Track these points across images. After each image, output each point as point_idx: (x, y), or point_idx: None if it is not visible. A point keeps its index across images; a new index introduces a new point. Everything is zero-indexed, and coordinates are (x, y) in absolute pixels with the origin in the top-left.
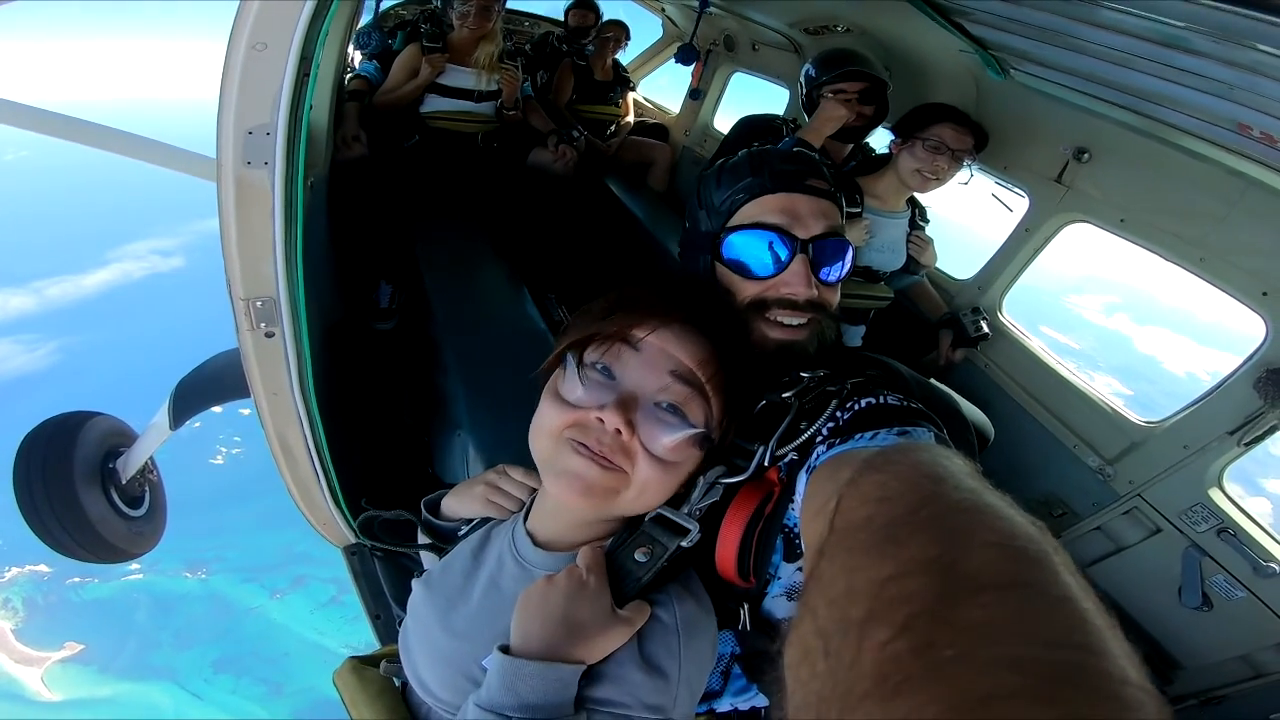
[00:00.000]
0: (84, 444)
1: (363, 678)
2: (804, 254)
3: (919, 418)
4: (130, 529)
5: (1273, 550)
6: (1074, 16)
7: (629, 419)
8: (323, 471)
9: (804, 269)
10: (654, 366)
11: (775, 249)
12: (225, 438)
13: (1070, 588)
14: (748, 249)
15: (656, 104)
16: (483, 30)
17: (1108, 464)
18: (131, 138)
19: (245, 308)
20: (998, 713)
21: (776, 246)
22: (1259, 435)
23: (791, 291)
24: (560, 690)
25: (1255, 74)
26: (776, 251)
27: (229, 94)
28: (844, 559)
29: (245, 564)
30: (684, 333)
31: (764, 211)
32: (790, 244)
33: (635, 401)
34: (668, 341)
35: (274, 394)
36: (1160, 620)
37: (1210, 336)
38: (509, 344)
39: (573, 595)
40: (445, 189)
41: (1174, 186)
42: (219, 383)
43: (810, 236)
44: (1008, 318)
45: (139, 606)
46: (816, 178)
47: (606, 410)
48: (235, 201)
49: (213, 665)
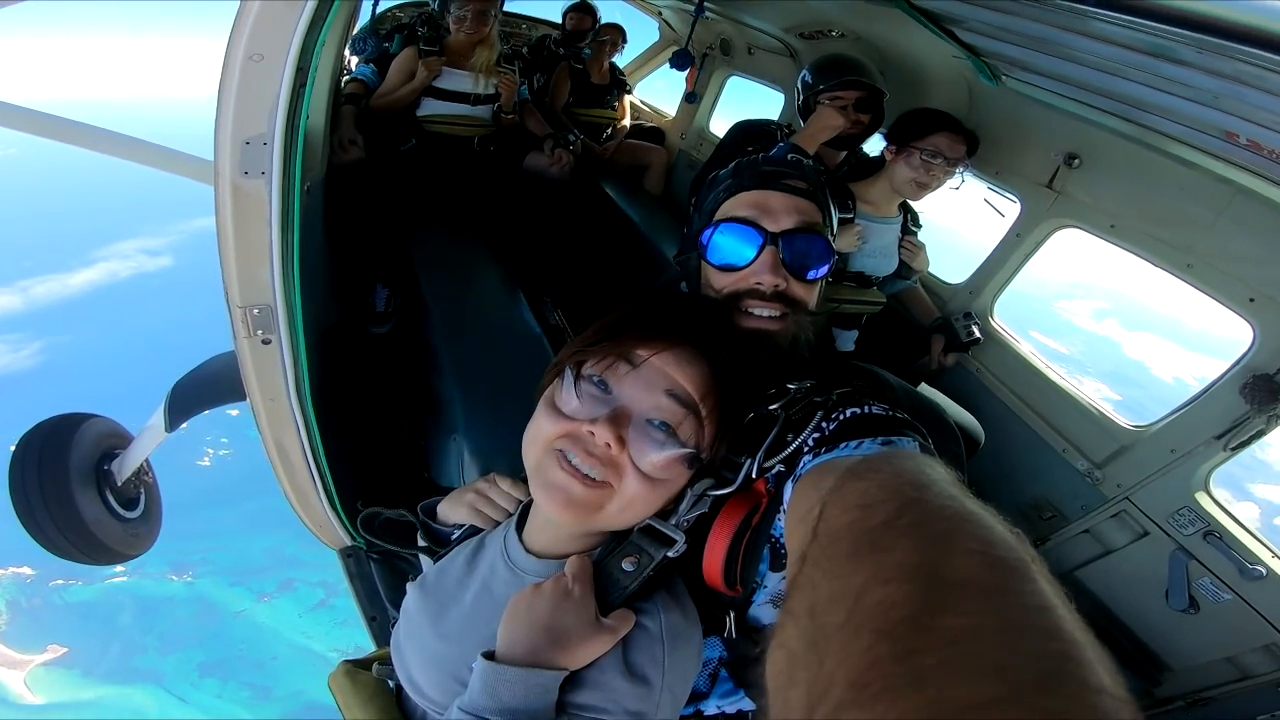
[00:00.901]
0: (80, 446)
1: (356, 680)
2: (773, 246)
3: (904, 427)
4: (126, 530)
5: (1258, 553)
6: (1064, 26)
7: (620, 434)
8: (319, 475)
9: (771, 260)
10: (650, 385)
11: (744, 242)
12: (213, 439)
13: (1047, 596)
14: (721, 243)
15: (653, 107)
16: (479, 34)
17: (1096, 467)
18: (128, 140)
19: (242, 315)
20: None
21: (746, 239)
22: (1245, 440)
23: (758, 280)
24: (541, 695)
25: (1239, 84)
26: (746, 244)
27: (226, 104)
28: (826, 565)
29: (232, 567)
30: (685, 356)
31: (737, 207)
32: (759, 235)
33: (628, 417)
34: (668, 363)
35: (271, 400)
36: (1147, 622)
37: (1198, 343)
38: (505, 348)
39: (557, 603)
40: (441, 192)
41: (1163, 193)
42: (216, 385)
43: (780, 230)
44: (999, 322)
45: (123, 609)
46: (795, 178)
47: (598, 424)
48: (233, 210)
49: (199, 669)
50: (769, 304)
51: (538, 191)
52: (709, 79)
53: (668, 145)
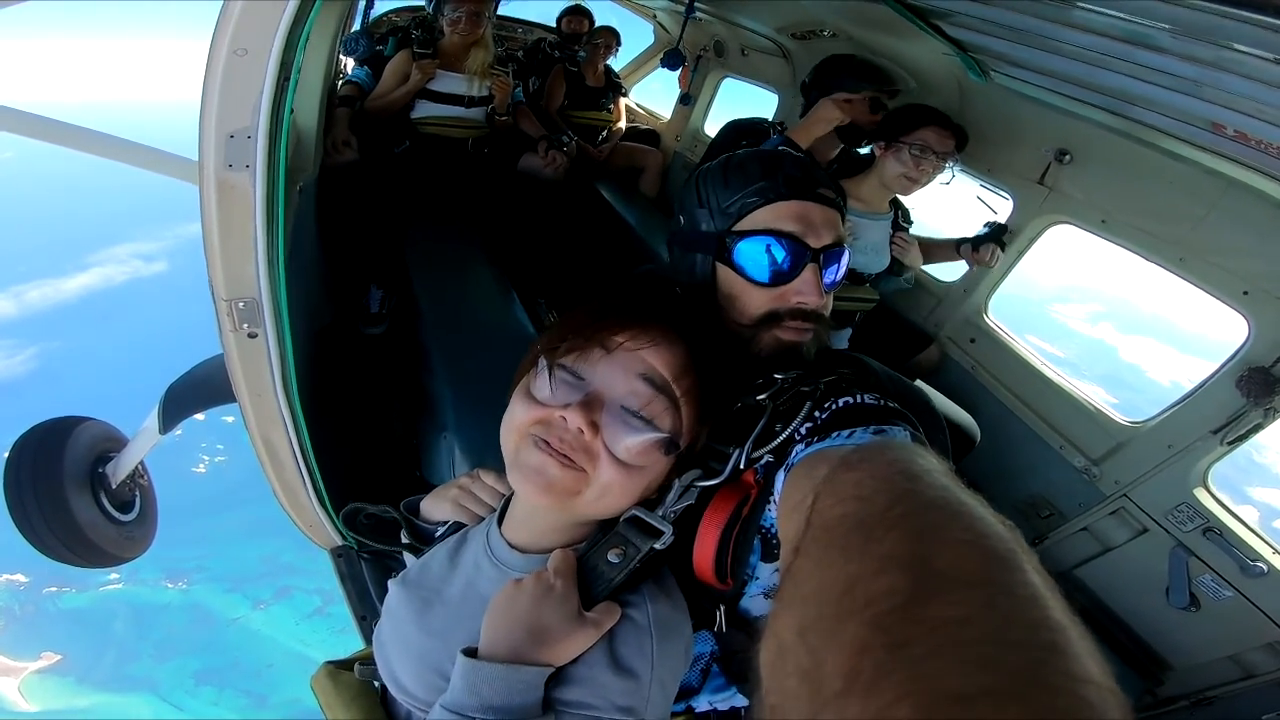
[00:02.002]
0: (74, 449)
1: (338, 681)
2: (815, 263)
3: (895, 416)
4: (121, 533)
5: (1259, 549)
6: (1045, 17)
7: (592, 419)
8: (308, 473)
9: (815, 278)
10: (624, 370)
11: (789, 257)
12: (209, 445)
13: (1037, 587)
14: (761, 256)
15: (648, 109)
16: (473, 36)
17: (1093, 464)
18: (113, 140)
19: (228, 309)
20: (968, 710)
21: (791, 255)
22: (1242, 434)
23: (803, 300)
24: (524, 692)
25: (1220, 70)
26: (791, 259)
27: (210, 98)
28: (819, 556)
29: (228, 574)
30: (660, 339)
31: (778, 218)
32: (804, 253)
33: (601, 402)
34: (641, 346)
35: (258, 395)
36: (1149, 620)
37: (1194, 345)
38: (497, 348)
39: (538, 599)
40: (436, 194)
41: (1154, 187)
42: (209, 386)
43: (822, 246)
44: (994, 320)
45: (117, 616)
46: (826, 185)
47: (571, 409)
48: (217, 204)
49: (194, 677)
50: (807, 321)
51: (532, 193)
52: (703, 81)
53: (663, 147)
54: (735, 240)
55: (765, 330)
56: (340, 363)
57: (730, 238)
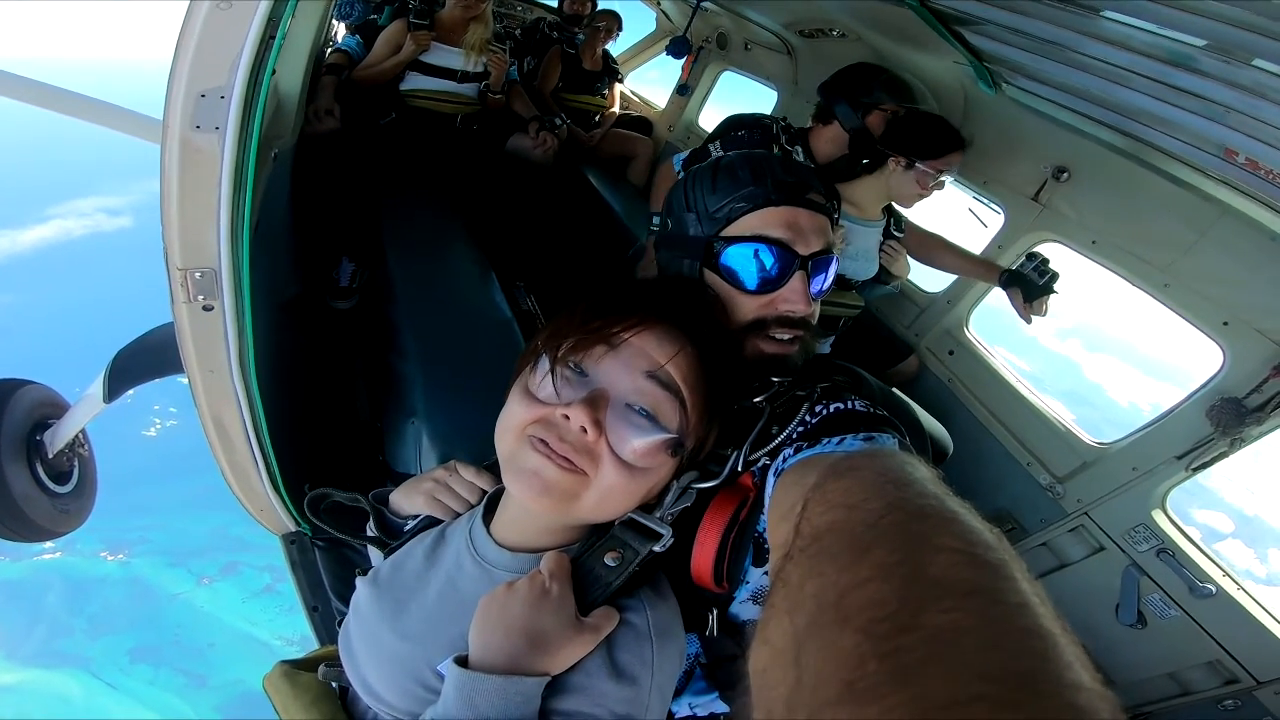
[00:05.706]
0: (11, 414)
1: (296, 683)
2: (803, 270)
3: (884, 424)
4: (55, 506)
5: (1210, 571)
6: (1080, 30)
7: (596, 418)
8: (262, 455)
9: (803, 286)
10: (629, 366)
11: (777, 264)
12: (161, 408)
13: (1027, 594)
14: (749, 262)
15: (643, 98)
16: (474, 10)
17: (1058, 482)
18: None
19: (182, 278)
20: (962, 718)
21: (779, 261)
22: (1206, 461)
23: (791, 308)
24: (522, 704)
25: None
26: (779, 266)
27: (184, 52)
28: (810, 563)
29: (171, 547)
30: (666, 334)
31: (767, 224)
32: (792, 260)
33: (605, 401)
34: (648, 342)
35: (210, 371)
36: (1095, 636)
37: (1157, 369)
38: (472, 331)
39: (534, 604)
40: (418, 169)
41: (1148, 211)
42: (161, 355)
43: (810, 253)
44: (973, 334)
45: (51, 589)
46: (816, 191)
47: (573, 407)
48: (179, 165)
49: (129, 654)
50: (794, 328)
51: (519, 174)
52: (702, 72)
53: (655, 137)
54: (723, 246)
55: (751, 337)
56: (304, 338)
57: (718, 243)
